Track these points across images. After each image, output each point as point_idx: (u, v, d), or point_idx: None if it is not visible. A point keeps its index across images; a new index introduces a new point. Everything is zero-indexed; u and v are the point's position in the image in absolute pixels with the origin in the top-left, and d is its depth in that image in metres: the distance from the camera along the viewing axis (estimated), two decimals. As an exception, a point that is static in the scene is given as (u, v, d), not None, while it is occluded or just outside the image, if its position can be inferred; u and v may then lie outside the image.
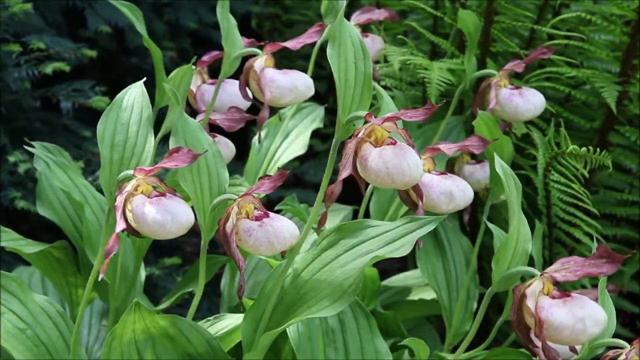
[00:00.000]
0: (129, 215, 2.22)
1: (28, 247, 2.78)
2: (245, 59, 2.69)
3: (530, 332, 2.16)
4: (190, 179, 2.25)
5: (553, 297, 2.13)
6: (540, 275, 2.15)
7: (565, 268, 2.12)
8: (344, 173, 2.16)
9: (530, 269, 2.17)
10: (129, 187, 2.23)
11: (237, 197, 2.22)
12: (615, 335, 2.30)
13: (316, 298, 2.23)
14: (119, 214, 2.21)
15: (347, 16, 3.24)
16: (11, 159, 3.34)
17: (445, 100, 2.87)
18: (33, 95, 3.54)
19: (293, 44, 2.59)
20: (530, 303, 2.14)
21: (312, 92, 2.64)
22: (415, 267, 3.10)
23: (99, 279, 2.25)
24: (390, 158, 2.12)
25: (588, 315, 2.10)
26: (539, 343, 2.15)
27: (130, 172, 2.23)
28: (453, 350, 2.99)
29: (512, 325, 2.17)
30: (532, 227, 2.74)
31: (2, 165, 3.43)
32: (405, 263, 3.79)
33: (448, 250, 3.06)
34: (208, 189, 2.27)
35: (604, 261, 2.07)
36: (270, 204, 3.54)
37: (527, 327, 2.17)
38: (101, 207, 2.81)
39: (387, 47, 3.22)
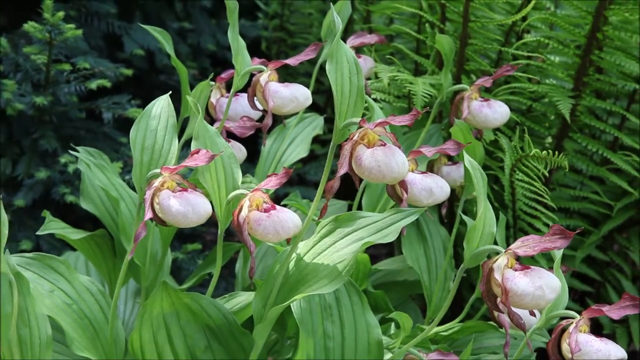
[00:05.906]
0: (157, 207, 2.21)
1: (73, 234, 2.78)
2: (253, 75, 2.69)
3: (497, 300, 2.16)
4: (208, 177, 2.25)
5: (516, 270, 2.13)
6: (505, 251, 2.15)
7: (525, 245, 2.12)
8: (342, 170, 2.17)
9: (496, 247, 2.17)
10: (156, 183, 2.23)
11: (248, 192, 2.22)
12: (568, 309, 2.30)
13: (316, 278, 2.23)
14: (147, 205, 2.21)
15: (343, 40, 3.24)
16: (62, 160, 3.35)
17: (427, 108, 2.87)
18: (79, 108, 3.54)
19: (293, 61, 2.59)
20: (497, 275, 2.13)
21: (309, 101, 2.64)
22: (401, 253, 3.08)
23: (129, 260, 2.27)
24: (381, 157, 2.13)
25: (545, 283, 2.10)
26: (504, 309, 2.16)
27: (158, 170, 2.24)
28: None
29: (482, 295, 2.16)
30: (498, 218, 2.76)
31: (54, 166, 3.44)
32: (392, 250, 3.78)
33: (429, 239, 3.05)
34: (224, 185, 2.27)
35: (557, 237, 2.07)
36: (277, 199, 3.54)
37: (495, 295, 2.16)
38: (134, 202, 2.81)
39: (378, 66, 3.22)
